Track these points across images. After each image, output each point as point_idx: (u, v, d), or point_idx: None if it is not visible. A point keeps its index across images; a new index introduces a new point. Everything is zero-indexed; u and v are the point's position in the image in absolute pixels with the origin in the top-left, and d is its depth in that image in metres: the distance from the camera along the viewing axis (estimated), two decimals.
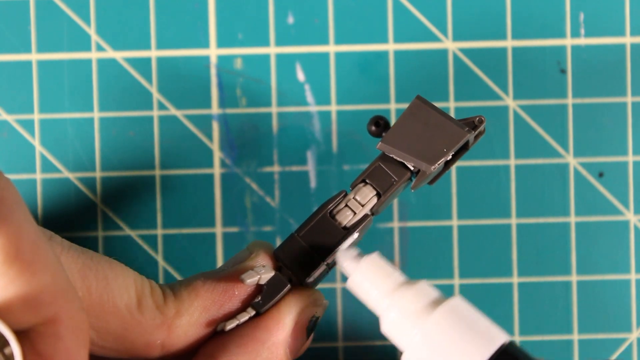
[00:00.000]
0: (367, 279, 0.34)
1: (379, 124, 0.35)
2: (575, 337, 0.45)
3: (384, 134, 0.35)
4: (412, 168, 0.35)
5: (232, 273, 0.35)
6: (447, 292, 0.45)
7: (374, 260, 0.34)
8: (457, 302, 0.33)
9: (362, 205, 0.35)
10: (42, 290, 0.27)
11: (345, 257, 0.34)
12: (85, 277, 0.32)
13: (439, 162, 0.35)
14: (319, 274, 0.35)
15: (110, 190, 0.45)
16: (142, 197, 0.45)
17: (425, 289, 0.33)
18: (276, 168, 0.45)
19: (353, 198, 0.35)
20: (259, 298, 0.34)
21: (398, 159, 0.35)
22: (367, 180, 0.35)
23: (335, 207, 0.35)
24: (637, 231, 0.45)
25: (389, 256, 0.45)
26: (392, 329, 0.33)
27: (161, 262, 0.45)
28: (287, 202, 0.45)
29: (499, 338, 0.32)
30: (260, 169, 0.45)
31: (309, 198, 0.45)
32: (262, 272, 0.34)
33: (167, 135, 0.45)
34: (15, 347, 0.27)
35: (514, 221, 0.45)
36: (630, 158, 0.45)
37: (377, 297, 0.34)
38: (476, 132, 0.35)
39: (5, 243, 0.27)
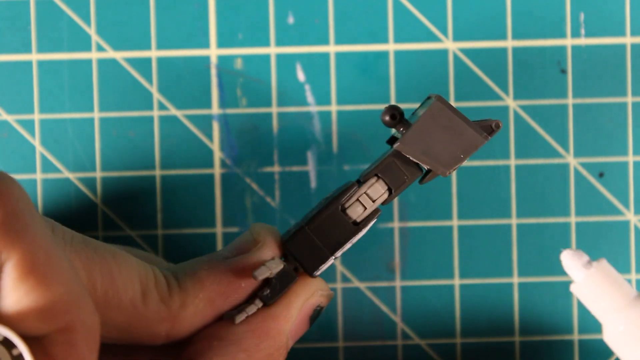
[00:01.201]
0: (596, 287, 0.33)
1: (395, 116, 0.35)
2: (576, 337, 0.45)
3: (400, 129, 0.35)
4: (426, 168, 0.35)
5: (238, 264, 0.35)
6: (447, 292, 0.45)
7: (605, 268, 0.34)
8: None
9: (373, 201, 0.36)
10: (57, 301, 0.27)
11: (574, 262, 0.34)
12: (90, 273, 0.32)
13: (454, 168, 0.35)
14: (327, 267, 0.35)
15: (110, 190, 0.45)
16: (142, 197, 0.45)
17: None
18: (276, 168, 0.45)
19: (365, 193, 0.36)
20: (267, 291, 0.34)
21: (414, 160, 0.35)
22: (380, 175, 0.36)
23: (347, 201, 0.36)
24: (637, 231, 0.45)
25: (389, 256, 0.45)
26: (619, 341, 0.33)
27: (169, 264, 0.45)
28: (287, 202, 0.45)
29: None
30: (261, 169, 0.45)
31: (309, 198, 0.45)
32: (273, 267, 0.34)
33: (167, 135, 0.45)
34: (26, 355, 0.27)
35: (514, 221, 0.45)
36: (630, 158, 0.45)
37: (605, 307, 0.33)
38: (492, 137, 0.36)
39: (20, 259, 0.27)
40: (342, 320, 0.45)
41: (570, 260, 0.34)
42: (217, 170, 0.45)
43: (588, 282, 0.33)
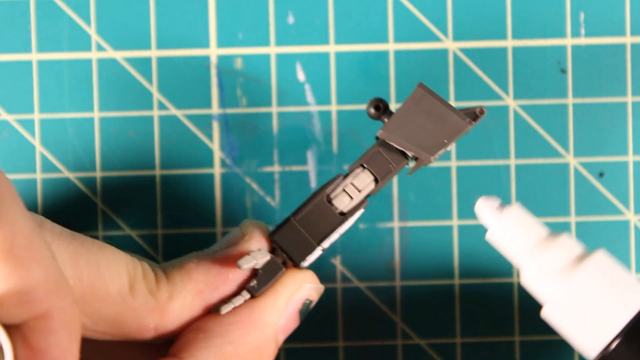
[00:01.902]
0: (509, 231, 0.34)
1: (379, 107, 0.35)
2: None
3: (385, 120, 0.35)
4: (411, 155, 0.35)
5: (225, 256, 0.35)
6: (447, 292, 0.45)
7: (517, 211, 0.34)
8: (601, 259, 0.33)
9: (360, 191, 0.36)
10: (35, 286, 0.27)
11: (486, 208, 0.34)
12: (76, 264, 0.32)
13: (439, 153, 0.35)
14: (315, 258, 0.35)
15: (110, 190, 0.45)
16: (142, 197, 0.45)
17: (569, 243, 0.33)
18: (276, 168, 0.45)
19: (351, 183, 0.36)
20: (254, 282, 0.35)
21: (398, 147, 0.35)
22: (365, 165, 0.36)
23: (332, 191, 0.36)
24: (637, 231, 0.45)
25: (389, 256, 0.45)
26: (534, 282, 0.33)
27: (161, 262, 0.45)
28: (287, 202, 0.45)
29: None
30: (261, 169, 0.45)
31: None
32: (259, 257, 0.34)
33: (167, 135, 0.45)
34: (5, 342, 0.27)
35: None
36: (631, 158, 0.45)
37: (520, 249, 0.34)
38: (477, 123, 0.36)
39: None
40: (342, 320, 0.45)
41: (483, 207, 0.34)
42: (217, 170, 0.45)
43: (501, 226, 0.34)
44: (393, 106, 0.45)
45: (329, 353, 0.45)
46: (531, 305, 0.45)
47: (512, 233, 0.34)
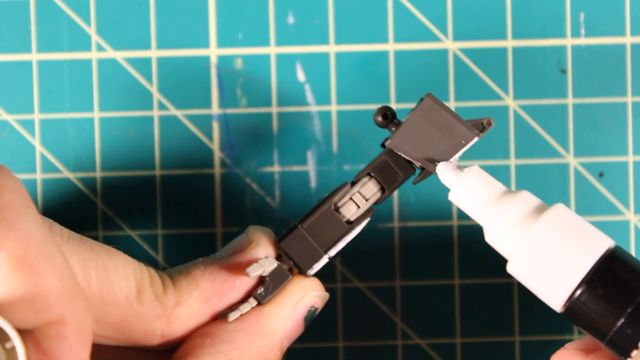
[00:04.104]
0: (470, 190, 0.34)
1: (387, 116, 0.36)
2: (576, 337, 0.45)
3: (392, 129, 0.35)
4: (418, 166, 0.36)
5: (232, 263, 0.35)
6: (446, 292, 0.45)
7: (476, 171, 0.34)
8: (561, 209, 0.33)
9: (366, 200, 0.36)
10: (49, 293, 0.27)
11: (446, 170, 0.35)
12: (85, 269, 0.32)
13: None
14: (321, 266, 0.36)
15: (110, 190, 0.45)
16: (142, 197, 0.45)
17: (528, 198, 0.34)
18: (276, 168, 0.45)
19: (358, 192, 0.36)
20: (261, 289, 0.35)
21: (405, 157, 0.35)
22: (372, 174, 0.36)
23: (340, 200, 0.36)
24: (637, 231, 0.45)
25: (389, 256, 0.45)
26: (497, 238, 0.34)
27: (161, 262, 0.45)
28: (287, 202, 0.45)
29: (604, 243, 0.33)
30: (261, 169, 0.45)
31: (310, 198, 0.45)
32: (266, 264, 0.34)
33: (167, 135, 0.45)
34: (19, 347, 0.28)
35: None
36: (631, 158, 0.45)
37: (481, 207, 0.34)
38: (484, 134, 0.36)
39: (13, 248, 0.27)
40: (342, 320, 0.45)
41: (443, 169, 0.35)
42: (217, 170, 0.45)
43: (462, 185, 0.34)
44: (394, 107, 0.45)
45: (329, 353, 0.45)
46: (531, 305, 0.45)
47: (473, 191, 0.34)
